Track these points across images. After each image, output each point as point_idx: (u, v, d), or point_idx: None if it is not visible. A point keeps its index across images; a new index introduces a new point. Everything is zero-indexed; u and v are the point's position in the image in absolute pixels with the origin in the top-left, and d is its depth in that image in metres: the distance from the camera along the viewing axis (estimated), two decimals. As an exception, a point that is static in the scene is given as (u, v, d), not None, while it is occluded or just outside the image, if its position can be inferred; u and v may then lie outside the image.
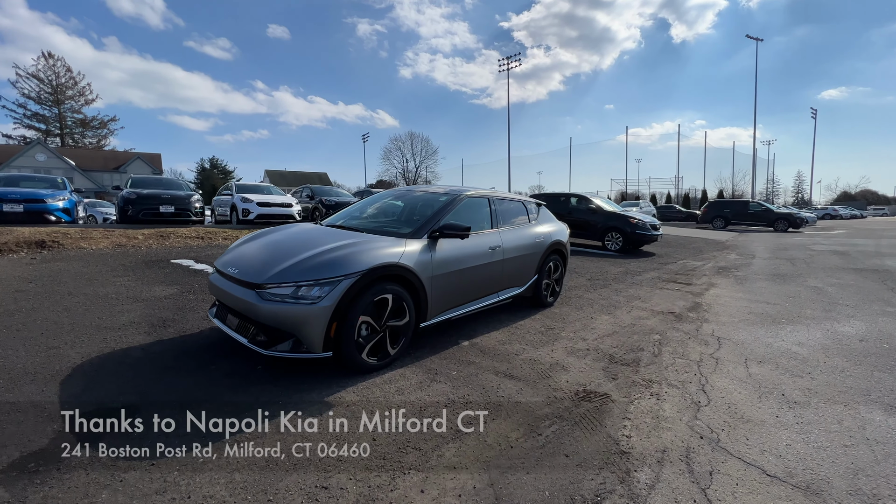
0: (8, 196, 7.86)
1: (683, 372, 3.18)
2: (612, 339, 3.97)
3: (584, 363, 3.34)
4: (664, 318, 4.72)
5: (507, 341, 3.80)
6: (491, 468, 2.02)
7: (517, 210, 4.81)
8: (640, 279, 7.06)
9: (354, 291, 2.78)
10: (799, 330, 4.25)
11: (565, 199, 11.76)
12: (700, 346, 3.76)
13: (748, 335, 4.07)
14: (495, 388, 2.87)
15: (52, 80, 46.79)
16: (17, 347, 3.15)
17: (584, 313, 4.84)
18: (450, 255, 3.57)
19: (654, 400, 2.72)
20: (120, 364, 2.97)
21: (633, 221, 10.30)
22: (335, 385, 2.77)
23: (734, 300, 5.61)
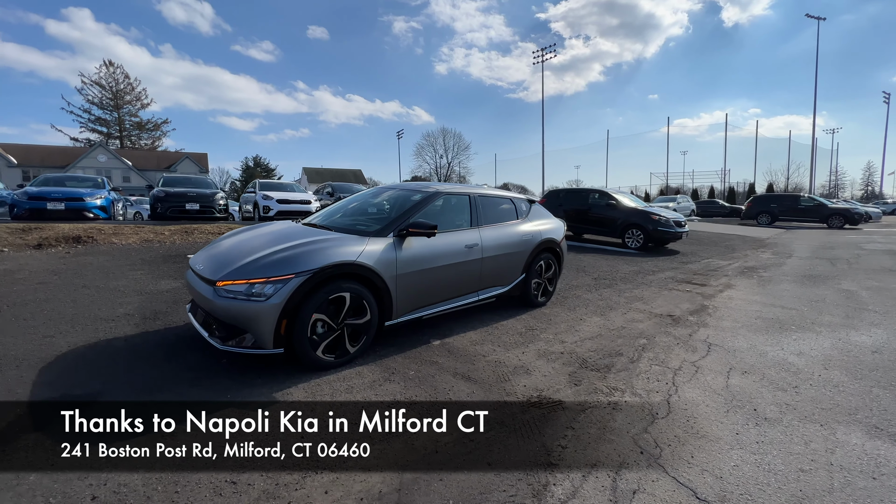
0: (51, 195, 8.63)
1: (655, 380, 2.99)
2: (593, 342, 3.79)
3: (551, 367, 3.22)
4: (660, 321, 4.46)
5: (480, 342, 3.73)
6: (407, 472, 1.98)
7: (504, 208, 4.69)
8: (651, 279, 6.72)
9: (305, 289, 2.81)
10: (806, 338, 3.88)
11: (584, 195, 11.36)
12: (685, 353, 3.52)
13: (744, 342, 3.76)
14: (447, 389, 2.82)
15: (113, 87, 50.60)
16: (17, 335, 3.43)
17: (575, 314, 4.67)
18: (419, 253, 3.53)
19: (608, 410, 2.57)
20: (100, 354, 3.18)
21: (654, 218, 9.79)
22: (289, 381, 2.82)
23: (747, 304, 5.21)
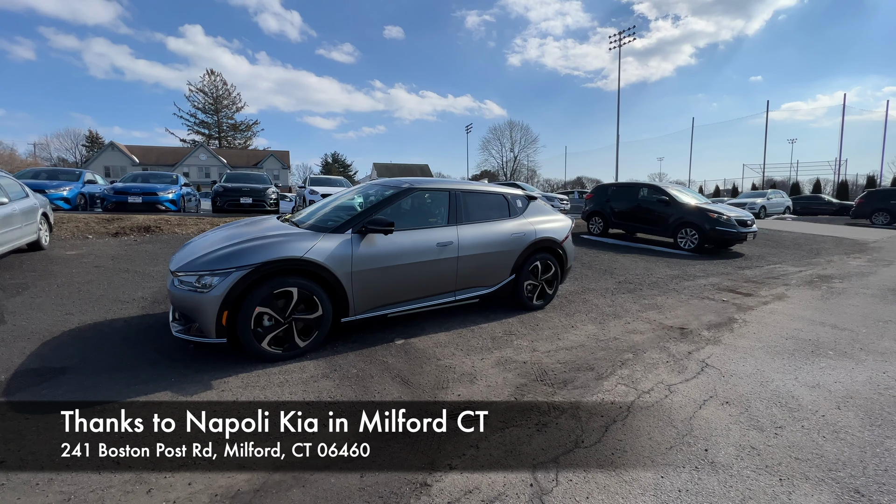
0: (131, 190, 10.00)
1: (609, 403, 2.64)
2: (569, 353, 3.46)
3: (502, 377, 2.99)
4: (664, 334, 3.94)
5: (446, 344, 3.58)
6: (278, 472, 1.96)
7: (493, 204, 4.43)
8: (686, 286, 5.96)
9: (246, 283, 2.90)
10: (838, 367, 3.16)
11: (634, 190, 10.40)
12: (667, 374, 3.06)
13: (751, 366, 3.17)
14: (377, 392, 2.75)
15: (213, 93, 57.04)
16: (47, 311, 4.00)
17: (570, 320, 4.30)
18: (381, 250, 3.48)
19: (531, 431, 2.32)
20: (96, 332, 3.58)
21: (712, 216, 8.66)
22: (234, 370, 2.94)
23: (788, 320, 4.39)
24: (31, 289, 4.67)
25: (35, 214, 6.64)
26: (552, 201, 14.55)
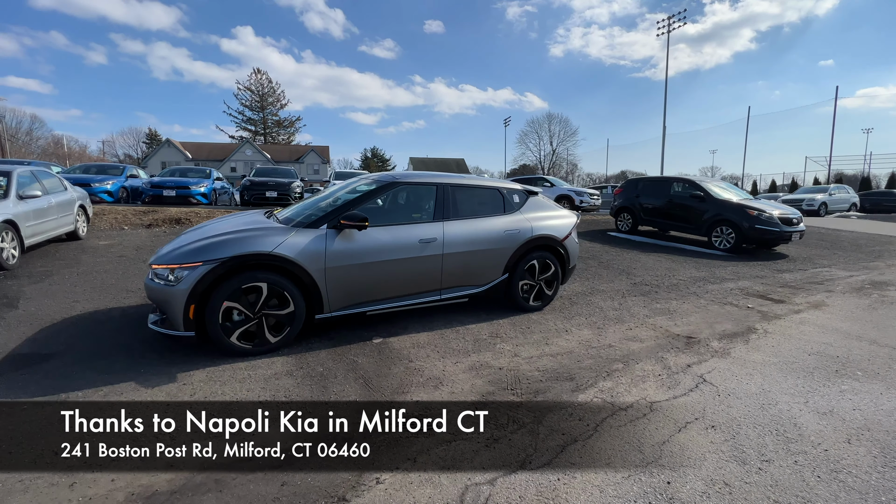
0: (166, 184, 10.60)
1: (577, 419, 2.40)
2: (554, 360, 3.22)
3: (470, 384, 2.82)
4: (667, 343, 3.59)
5: (424, 345, 3.45)
6: (200, 473, 1.91)
7: (485, 199, 4.22)
8: (709, 289, 5.46)
9: (213, 277, 2.90)
10: (863, 391, 2.72)
11: (666, 185, 9.71)
12: (655, 388, 2.75)
13: (757, 385, 2.79)
14: (334, 392, 2.67)
15: (259, 91, 59.55)
16: (57, 298, 4.24)
17: (566, 324, 4.03)
18: (358, 246, 3.39)
19: (478, 446, 2.14)
20: (93, 320, 3.75)
21: (751, 213, 7.91)
22: (202, 364, 2.96)
23: (819, 332, 3.88)
24: (53, 276, 4.99)
25: (72, 207, 7.13)
26: (581, 196, 13.94)
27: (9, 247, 5.22)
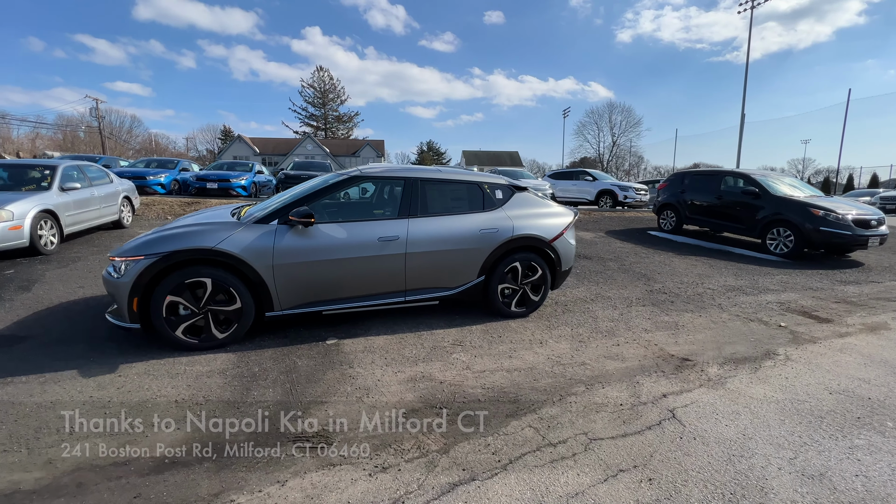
0: (209, 177, 11.35)
1: (492, 452, 2.08)
2: (507, 376, 2.88)
3: (399, 398, 2.58)
4: (655, 364, 3.08)
5: (377, 349, 3.25)
6: (71, 474, 1.88)
7: (462, 195, 3.89)
8: (740, 301, 4.70)
9: (154, 271, 2.91)
10: (881, 450, 2.08)
11: (715, 180, 8.59)
12: (606, 422, 2.33)
13: (737, 429, 2.25)
14: (256, 396, 2.55)
15: (321, 87, 62.27)
16: (67, 283, 4.59)
17: (546, 334, 3.63)
18: (310, 243, 3.26)
19: (360, 475, 1.91)
20: (84, 306, 3.98)
21: (816, 213, 6.75)
22: (149, 356, 3.00)
23: (860, 364, 3.13)
24: (79, 262, 5.44)
25: (116, 198, 7.79)
26: (626, 191, 12.89)
27: (47, 234, 5.78)
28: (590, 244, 7.87)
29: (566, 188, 14.52)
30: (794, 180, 8.53)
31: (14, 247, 5.27)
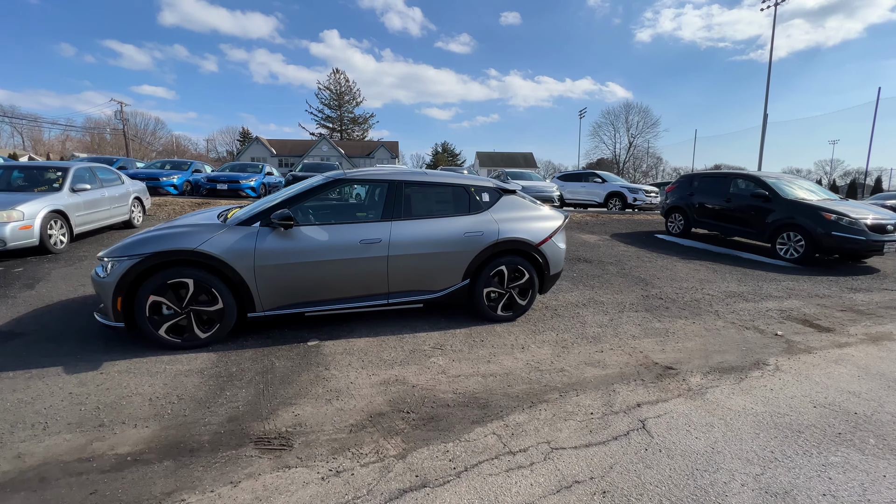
0: (220, 179, 11.63)
1: (449, 458, 2.06)
2: (482, 381, 2.86)
3: (367, 401, 2.58)
4: (636, 372, 3.01)
5: (356, 351, 3.27)
6: (36, 469, 1.94)
7: (447, 197, 3.88)
8: (739, 308, 4.56)
9: (137, 271, 2.98)
10: (856, 468, 1.98)
11: (725, 182, 8.35)
12: (573, 430, 2.28)
13: (707, 441, 2.18)
14: (228, 397, 2.59)
15: (337, 90, 63.07)
16: (70, 282, 4.74)
17: (530, 339, 3.59)
18: (292, 245, 3.29)
19: (314, 478, 1.91)
20: (80, 304, 4.10)
21: (828, 217, 6.49)
22: (133, 354, 3.07)
23: (854, 375, 3.00)
24: (84, 261, 5.62)
25: (127, 199, 8.03)
26: (635, 193, 12.65)
27: (57, 233, 5.99)
28: (592, 247, 7.75)
29: (575, 190, 14.34)
30: (809, 184, 8.24)
31: (24, 245, 5.48)
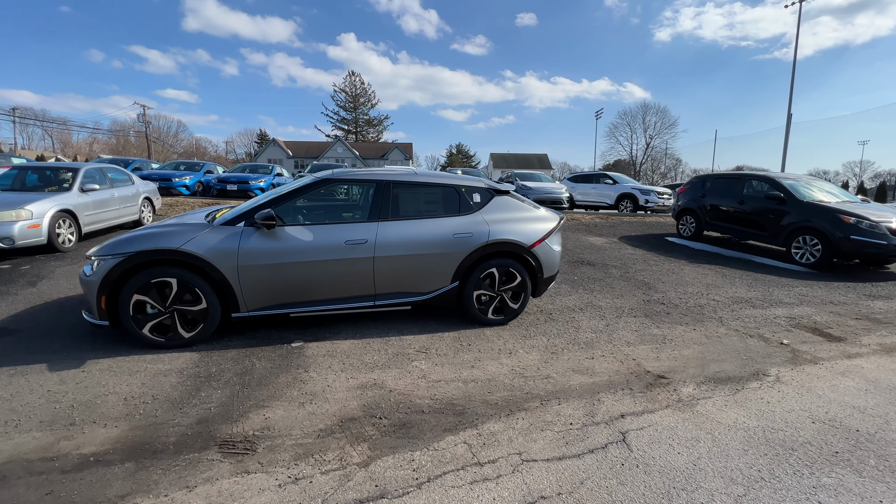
0: (229, 179, 11.83)
1: (413, 468, 1.98)
2: (463, 387, 2.77)
3: (340, 405, 2.53)
4: (626, 380, 2.88)
5: (340, 353, 3.22)
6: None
7: (437, 198, 3.80)
8: (745, 314, 4.35)
9: (120, 270, 2.99)
10: (850, 492, 1.82)
11: (738, 183, 8.06)
12: (548, 441, 2.18)
13: (689, 458, 2.05)
14: (202, 398, 2.57)
15: (352, 92, 63.67)
16: (72, 280, 4.83)
17: (519, 343, 3.48)
18: (276, 246, 3.27)
19: (271, 484, 1.86)
20: (76, 302, 4.16)
21: (846, 220, 6.19)
22: (118, 352, 3.09)
23: (862, 389, 2.80)
24: (90, 259, 5.73)
25: (137, 199, 8.20)
26: (647, 195, 12.35)
27: (65, 232, 6.14)
28: (598, 250, 7.57)
29: (586, 191, 14.09)
30: (829, 185, 7.89)
31: (32, 244, 5.62)
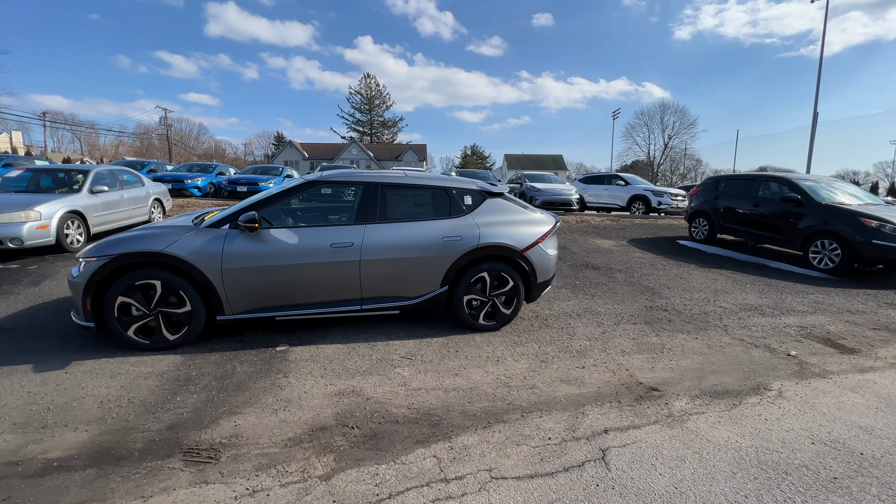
0: (240, 181, 11.99)
1: (376, 483, 1.90)
2: (443, 395, 2.69)
3: (314, 413, 2.47)
4: (615, 392, 2.75)
5: (323, 358, 3.17)
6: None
7: (426, 200, 3.72)
8: (752, 323, 4.14)
9: (105, 272, 3.00)
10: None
11: (753, 185, 7.74)
12: (524, 458, 2.07)
13: (671, 480, 1.91)
14: (177, 403, 2.54)
15: (367, 94, 64.23)
16: (75, 280, 4.92)
17: (507, 351, 3.37)
18: (261, 249, 3.24)
19: (225, 498, 1.81)
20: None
21: (867, 224, 5.86)
22: (103, 353, 3.11)
23: (871, 406, 2.60)
24: (96, 260, 5.84)
25: (147, 200, 8.35)
26: (660, 197, 12.02)
27: (74, 233, 6.27)
28: (604, 253, 7.37)
29: (597, 193, 13.81)
30: (852, 187, 7.52)
31: (41, 244, 5.76)
